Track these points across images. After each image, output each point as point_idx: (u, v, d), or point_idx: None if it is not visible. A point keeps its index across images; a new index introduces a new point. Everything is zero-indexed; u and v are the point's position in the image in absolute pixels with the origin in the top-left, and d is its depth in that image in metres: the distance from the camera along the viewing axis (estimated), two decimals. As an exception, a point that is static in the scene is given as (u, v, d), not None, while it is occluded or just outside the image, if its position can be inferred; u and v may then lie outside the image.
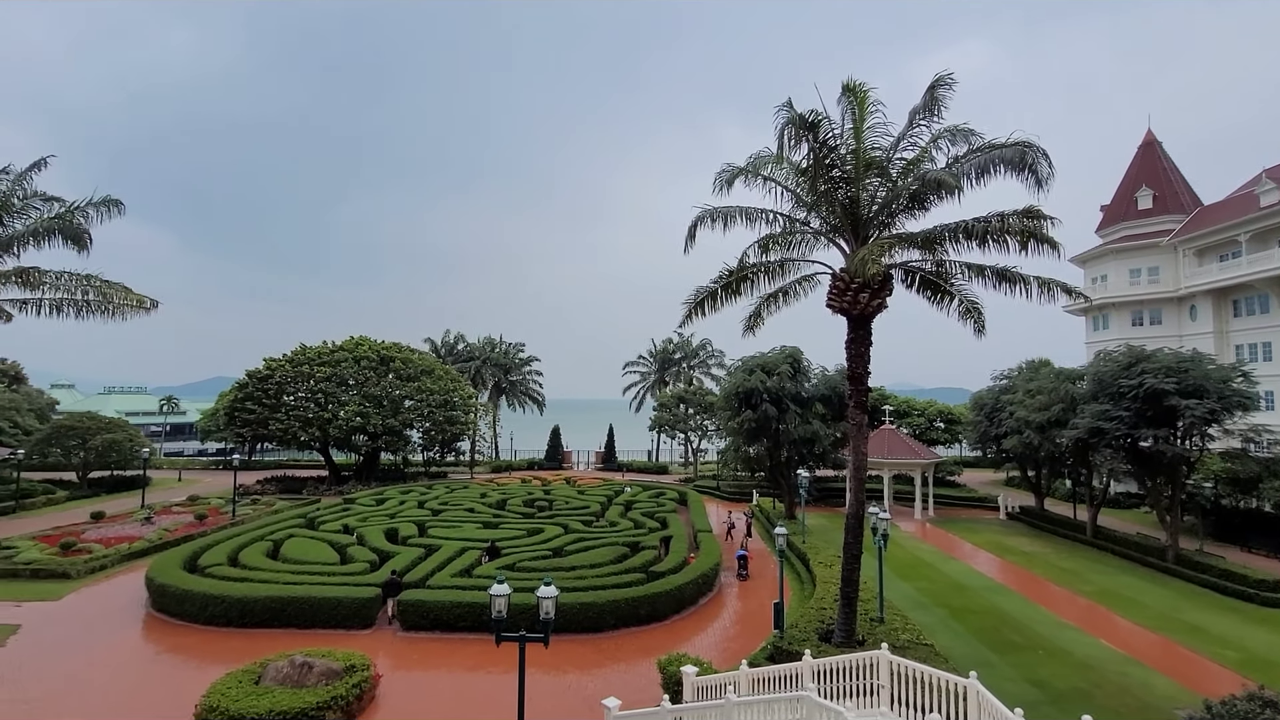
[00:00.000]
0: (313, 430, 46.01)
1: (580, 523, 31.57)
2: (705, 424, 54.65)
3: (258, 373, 47.72)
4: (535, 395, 72.97)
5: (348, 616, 20.24)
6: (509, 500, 37.89)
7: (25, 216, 21.91)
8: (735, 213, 18.11)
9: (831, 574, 23.05)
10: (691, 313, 19.05)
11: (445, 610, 19.96)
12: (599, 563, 24.42)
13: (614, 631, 20.16)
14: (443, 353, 69.71)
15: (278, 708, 13.61)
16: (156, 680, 17.16)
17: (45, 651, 18.77)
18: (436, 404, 49.76)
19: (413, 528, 29.95)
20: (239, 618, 20.32)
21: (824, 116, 15.81)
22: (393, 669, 17.49)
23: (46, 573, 25.78)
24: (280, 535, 28.21)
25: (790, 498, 36.18)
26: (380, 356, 50.41)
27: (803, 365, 36.36)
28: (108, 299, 22.46)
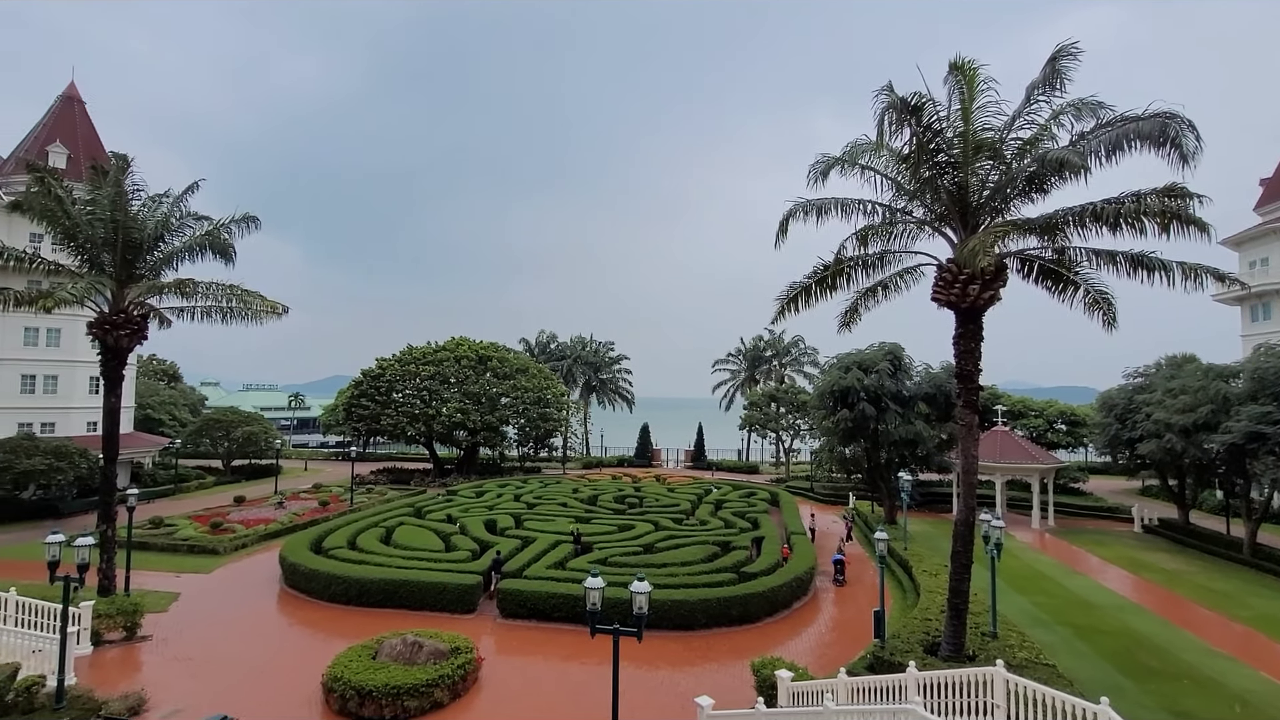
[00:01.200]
0: (418, 425, 49.05)
1: (670, 520, 31.66)
2: (798, 423, 53.20)
3: (371, 371, 51.57)
4: (625, 393, 73.96)
5: (452, 601, 21.40)
6: (600, 496, 38.63)
7: (182, 234, 24.75)
8: (830, 205, 17.43)
9: (937, 583, 21.75)
10: (784, 309, 18.54)
11: (541, 600, 20.65)
12: (689, 561, 24.37)
13: (705, 630, 20.05)
14: (536, 352, 72.19)
15: (393, 682, 14.62)
16: (290, 648, 18.97)
17: (201, 617, 21.22)
18: (530, 401, 51.61)
19: (510, 520, 31.22)
20: (357, 597, 22.03)
21: (928, 99, 14.90)
22: (493, 653, 18.31)
23: (200, 548, 29.13)
24: (392, 523, 30.30)
25: (890, 501, 34.48)
26: (478, 356, 52.98)
27: (904, 362, 34.47)
28: (247, 305, 24.95)
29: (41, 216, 22.86)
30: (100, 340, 22.84)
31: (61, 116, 44.59)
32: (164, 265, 24.26)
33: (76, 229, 22.56)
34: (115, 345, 22.84)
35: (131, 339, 23.22)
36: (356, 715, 14.52)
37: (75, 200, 22.95)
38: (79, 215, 22.62)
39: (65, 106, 45.05)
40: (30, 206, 23.07)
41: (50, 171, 23.59)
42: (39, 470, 33.69)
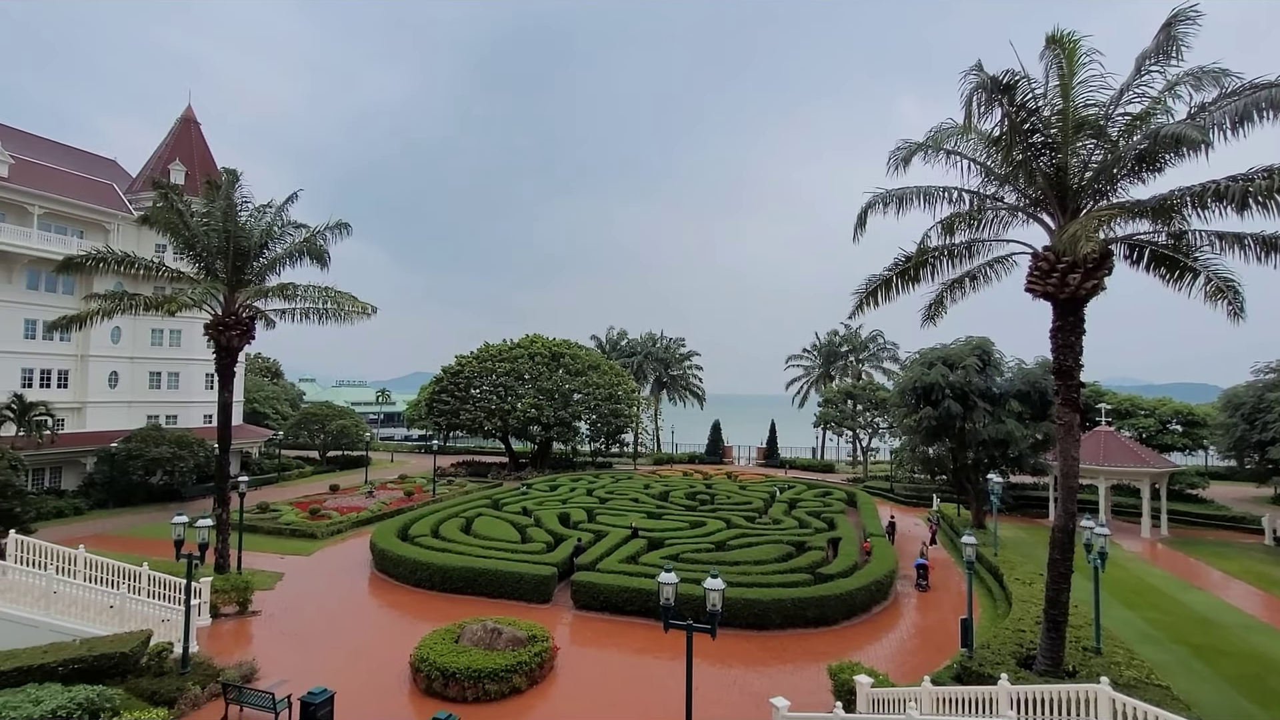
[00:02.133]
0: (495, 420, 50.77)
1: (743, 518, 31.30)
2: (876, 421, 51.24)
3: (450, 368, 53.82)
4: (696, 390, 73.66)
5: (528, 591, 22.05)
6: (671, 492, 38.69)
7: (283, 241, 26.74)
8: (912, 194, 16.64)
9: (1031, 593, 20.43)
10: (862, 303, 17.90)
11: (614, 593, 20.93)
12: (763, 560, 24.01)
13: (779, 631, 19.71)
14: (606, 348, 73.05)
15: (474, 665, 15.26)
16: (381, 629, 20.14)
17: (302, 596, 22.89)
18: (602, 397, 52.32)
19: (583, 514, 31.79)
20: (440, 583, 23.10)
21: (1021, 75, 13.92)
22: (568, 643, 18.73)
23: (300, 532, 31.39)
24: (471, 514, 31.54)
25: (978, 505, 32.63)
26: (551, 353, 54.22)
27: (993, 358, 32.44)
28: (340, 306, 26.66)
29: (165, 229, 25.27)
30: (215, 340, 25.02)
31: (180, 137, 49.04)
32: (268, 270, 26.27)
33: (194, 239, 24.78)
34: (227, 344, 24.95)
35: (241, 338, 25.30)
36: (441, 695, 15.25)
37: (193, 213, 25.21)
38: (196, 227, 24.83)
39: (183, 128, 49.50)
40: (156, 220, 25.55)
41: (172, 188, 26.02)
42: (165, 458, 37.32)
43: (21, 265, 38.50)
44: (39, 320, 38.77)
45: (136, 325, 43.48)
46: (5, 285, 38.22)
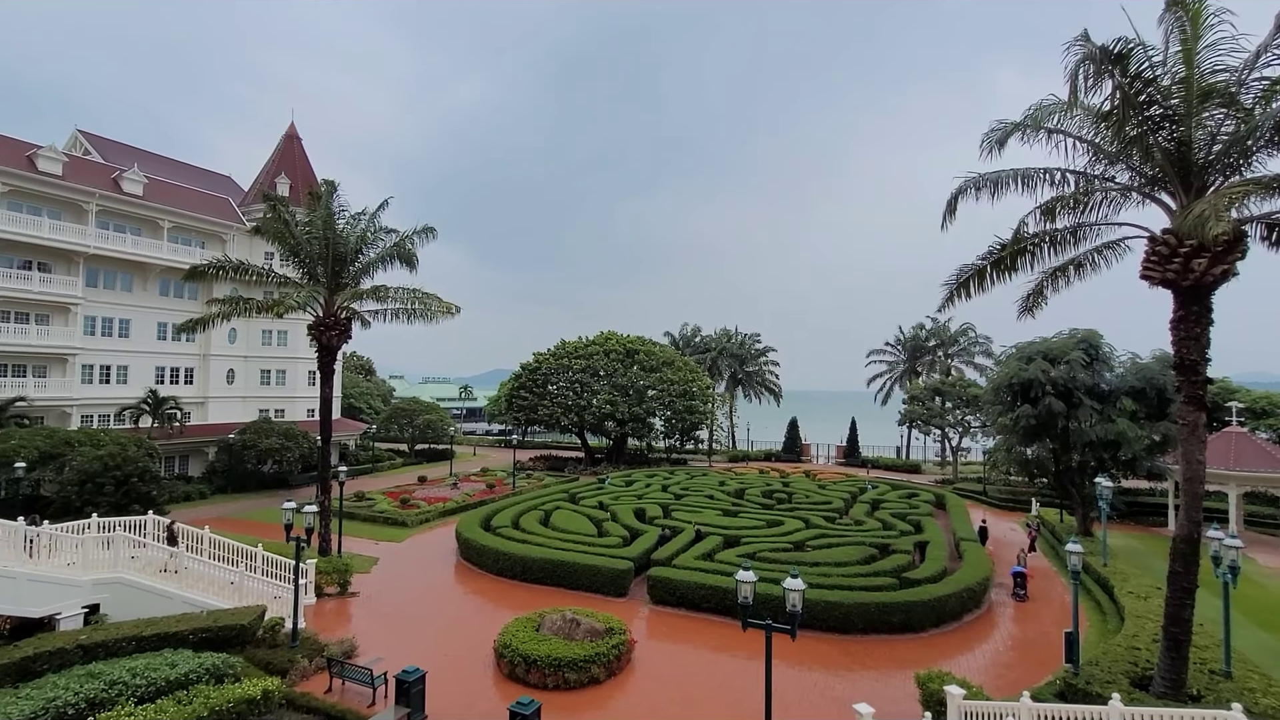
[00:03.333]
0: (571, 416, 51.84)
1: (822, 518, 30.45)
2: (967, 419, 48.38)
3: (528, 365, 55.42)
4: (772, 386, 72.30)
5: (605, 584, 22.39)
6: (747, 490, 38.18)
7: (375, 246, 28.42)
8: (1008, 177, 15.54)
9: (1147, 608, 18.71)
10: (952, 295, 16.91)
11: (690, 590, 20.90)
12: (844, 561, 23.26)
13: (862, 635, 19.04)
14: (680, 345, 72.97)
15: (554, 654, 15.67)
16: (466, 614, 21.04)
17: (395, 580, 24.27)
18: (676, 394, 52.32)
19: (658, 509, 31.93)
20: (521, 572, 23.86)
21: (1135, 43, 12.68)
22: (644, 637, 18.87)
23: (393, 520, 33.30)
24: (549, 507, 32.38)
25: (1084, 510, 30.17)
26: (626, 350, 54.72)
27: (1101, 351, 29.80)
28: (427, 306, 28.05)
29: (273, 238, 27.39)
30: (316, 339, 26.90)
31: (285, 152, 53.07)
32: (363, 274, 27.97)
33: (298, 246, 26.73)
34: (328, 344, 26.77)
35: (340, 338, 27.08)
36: (523, 681, 15.77)
37: (296, 222, 27.21)
38: (300, 235, 26.77)
39: (287, 144, 53.53)
40: (266, 230, 27.77)
41: (279, 199, 28.17)
42: (274, 448, 40.57)
43: (154, 274, 42.91)
44: (169, 323, 43.13)
45: (249, 327, 47.47)
46: (141, 292, 42.74)
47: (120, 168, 42.81)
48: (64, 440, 30.33)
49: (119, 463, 28.08)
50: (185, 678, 13.87)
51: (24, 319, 37.10)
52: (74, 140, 46.53)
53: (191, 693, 13.37)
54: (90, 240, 38.99)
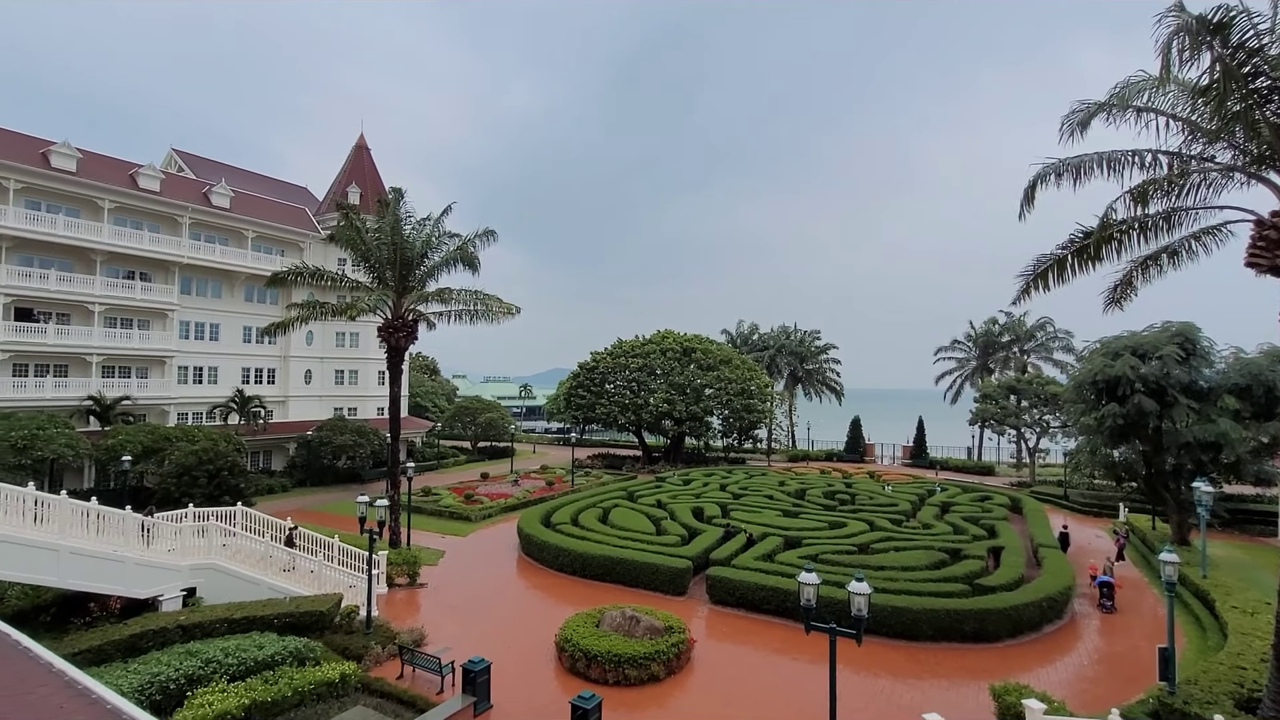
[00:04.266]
0: (628, 414, 52.13)
1: (888, 520, 29.46)
2: (1045, 419, 45.72)
3: (586, 364, 56.08)
4: (833, 384, 70.52)
5: (664, 582, 22.39)
6: (808, 490, 37.38)
7: (439, 250, 29.43)
8: (1092, 162, 14.56)
9: (1255, 624, 17.18)
10: (1029, 287, 16.03)
11: (750, 590, 20.64)
12: (911, 566, 22.42)
13: (931, 643, 18.31)
14: (738, 342, 72.15)
15: (614, 650, 15.79)
16: (528, 608, 21.49)
17: (461, 572, 25.06)
18: (734, 392, 51.78)
19: (716, 509, 31.68)
20: (581, 569, 24.17)
21: (1238, 11, 11.63)
22: (704, 636, 18.77)
23: (457, 515, 34.39)
24: (608, 504, 32.66)
25: (1180, 517, 27.96)
26: (683, 348, 54.56)
27: (1199, 346, 27.50)
28: (489, 307, 28.87)
29: (346, 244, 28.77)
30: (386, 340, 28.10)
31: (355, 162, 55.65)
32: (428, 277, 29.02)
33: (369, 252, 27.97)
34: (396, 345, 27.91)
35: (407, 339, 28.18)
36: (584, 675, 15.96)
37: (367, 229, 28.49)
38: (370, 241, 28.01)
39: (357, 154, 56.12)
40: (339, 238, 29.19)
41: (351, 208, 29.57)
42: (348, 445, 42.64)
43: (240, 281, 45.86)
44: (254, 327, 46.03)
45: (324, 329, 50.06)
46: (229, 298, 45.78)
47: (209, 182, 45.99)
48: (163, 436, 32.87)
49: (211, 457, 30.18)
50: (271, 659, 14.76)
51: (128, 324, 40.39)
52: (169, 158, 50.31)
53: (277, 673, 14.22)
54: (184, 251, 42.05)
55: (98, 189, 38.39)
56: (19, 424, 28.99)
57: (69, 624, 17.73)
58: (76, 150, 38.10)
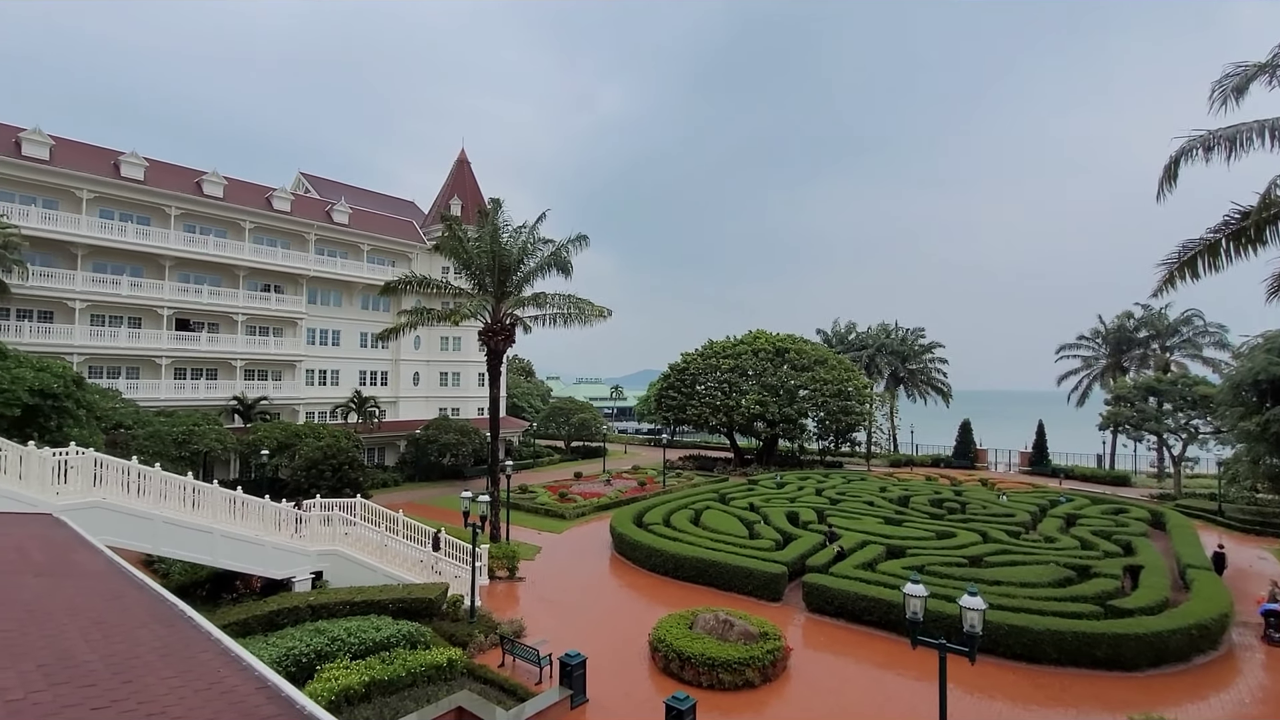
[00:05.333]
0: (720, 416, 51.59)
1: (1003, 532, 27.26)
2: (1194, 424, 40.64)
3: (677, 366, 56.11)
4: (939, 385, 66.41)
5: (758, 587, 21.91)
6: (912, 497, 35.36)
7: (534, 256, 30.49)
8: (1249, 131, 12.82)
9: None
10: (1173, 276, 14.32)
11: (849, 600, 19.76)
12: (1032, 582, 20.60)
13: (1056, 667, 16.71)
14: (833, 342, 69.63)
15: (708, 653, 15.62)
16: (621, 605, 21.75)
17: (556, 568, 25.79)
18: (830, 394, 49.96)
19: (812, 514, 30.65)
20: (672, 570, 24.15)
21: None
22: (800, 645, 18.17)
23: (553, 513, 35.44)
24: (699, 506, 32.45)
25: (1367, 540, 23.92)
26: (775, 348, 53.33)
27: (1392, 339, 23.45)
28: (582, 310, 29.55)
29: (449, 253, 30.41)
30: (485, 344, 29.44)
31: (456, 176, 58.91)
32: (524, 283, 30.12)
33: (470, 260, 29.43)
34: (495, 348, 29.18)
35: (506, 342, 29.39)
36: (677, 676, 15.90)
37: (468, 238, 30.01)
38: (471, 249, 29.47)
39: (458, 169, 59.37)
40: (443, 247, 30.94)
41: (454, 219, 31.27)
42: (452, 443, 45.12)
43: (357, 291, 49.80)
44: (369, 333, 49.83)
45: (430, 334, 53.33)
46: (348, 307, 49.84)
47: (330, 201, 50.32)
48: (294, 433, 36.26)
49: (334, 453, 32.94)
50: (387, 640, 15.85)
51: (265, 332, 44.96)
52: (297, 181, 55.54)
53: (392, 654, 15.24)
54: (311, 264, 46.25)
55: (241, 211, 43.05)
56: (179, 421, 32.98)
57: (220, 599, 19.95)
58: (223, 178, 42.91)
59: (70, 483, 15.45)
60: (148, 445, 29.64)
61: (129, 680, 5.31)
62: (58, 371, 23.21)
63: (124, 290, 37.95)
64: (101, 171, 37.90)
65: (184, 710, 4.90)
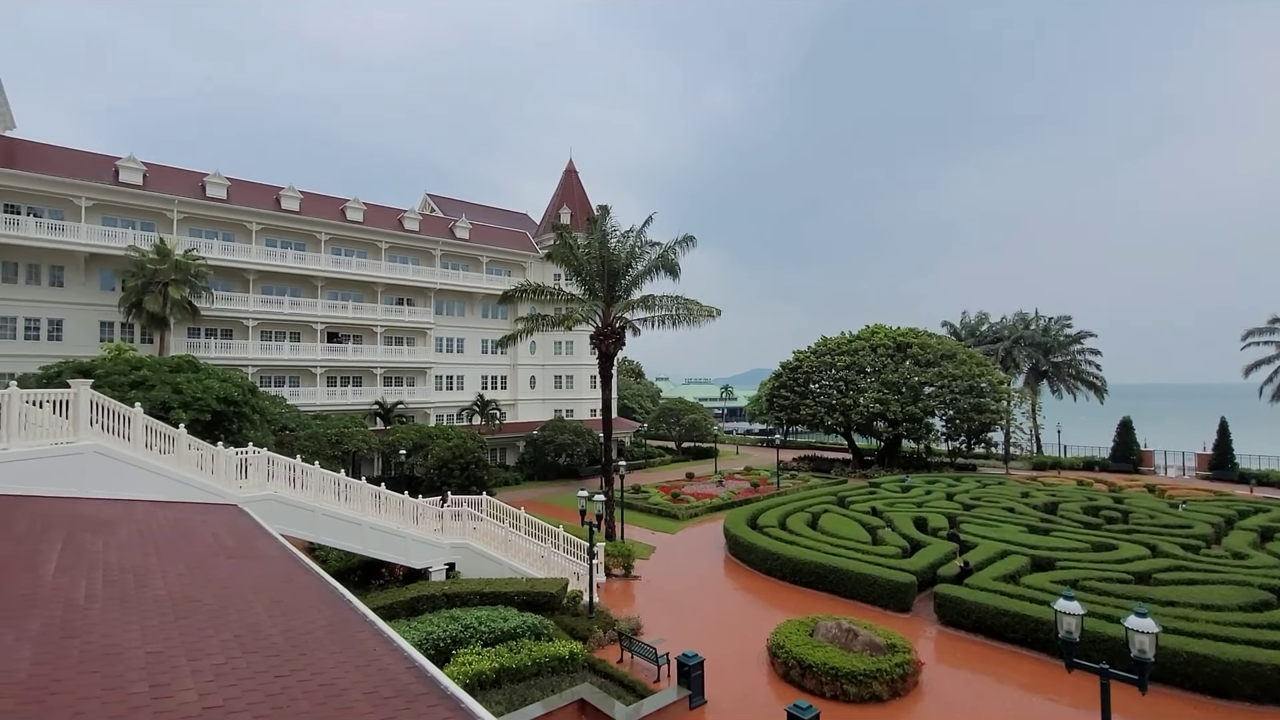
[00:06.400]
0: (836, 415, 49.50)
1: (1177, 545, 23.89)
2: None
3: (788, 364, 54.57)
4: (1090, 379, 59.58)
5: (883, 596, 20.75)
6: (1062, 504, 31.93)
7: (642, 259, 30.96)
8: None
9: None
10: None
11: (989, 614, 18.19)
12: (1215, 604, 17.86)
13: (1251, 705, 14.37)
14: (962, 335, 64.60)
15: (830, 663, 15.01)
16: (736, 608, 21.47)
17: (671, 568, 25.96)
18: (960, 390, 46.36)
19: (942, 520, 28.58)
20: (790, 574, 23.47)
21: None
22: (933, 660, 16.99)
23: (665, 513, 35.71)
24: (816, 509, 31.30)
25: None
26: (896, 343, 50.36)
27: None
28: (690, 312, 29.58)
29: (560, 261, 31.64)
30: (597, 347, 30.28)
31: (565, 186, 61.17)
32: (632, 286, 30.66)
33: (580, 267, 30.42)
34: (606, 351, 29.92)
35: (616, 345, 30.06)
36: (798, 684, 15.42)
37: (578, 245, 31.05)
38: (581, 256, 30.46)
39: (566, 179, 61.62)
40: (554, 255, 32.23)
41: (564, 228, 32.53)
42: (567, 444, 46.83)
43: (478, 300, 53.13)
44: (489, 340, 52.99)
45: (544, 339, 55.72)
46: (470, 315, 53.31)
47: (452, 218, 54.12)
48: (426, 434, 39.31)
49: (462, 452, 35.34)
50: (514, 631, 16.73)
51: (399, 342, 49.14)
52: (424, 202, 60.21)
53: (519, 644, 16.06)
54: (437, 278, 49.98)
55: (378, 233, 47.46)
56: (332, 424, 36.87)
57: (369, 585, 22.03)
58: (362, 204, 47.50)
59: (249, 478, 17.74)
60: (307, 445, 33.38)
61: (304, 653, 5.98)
62: (237, 382, 26.78)
63: (286, 309, 43.05)
64: (266, 205, 43.28)
65: (349, 683, 5.43)
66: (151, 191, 38.76)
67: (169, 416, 21.73)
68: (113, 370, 24.80)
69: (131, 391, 23.05)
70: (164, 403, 23.49)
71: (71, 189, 36.17)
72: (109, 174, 38.01)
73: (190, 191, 40.51)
